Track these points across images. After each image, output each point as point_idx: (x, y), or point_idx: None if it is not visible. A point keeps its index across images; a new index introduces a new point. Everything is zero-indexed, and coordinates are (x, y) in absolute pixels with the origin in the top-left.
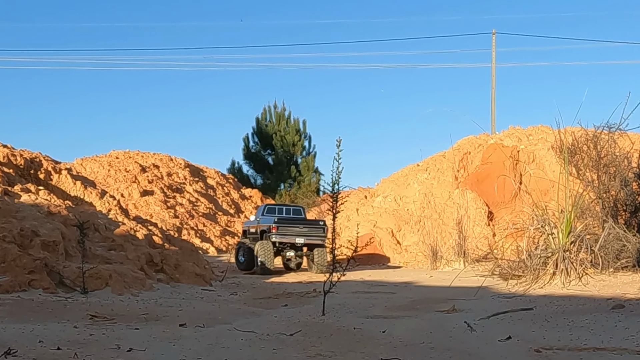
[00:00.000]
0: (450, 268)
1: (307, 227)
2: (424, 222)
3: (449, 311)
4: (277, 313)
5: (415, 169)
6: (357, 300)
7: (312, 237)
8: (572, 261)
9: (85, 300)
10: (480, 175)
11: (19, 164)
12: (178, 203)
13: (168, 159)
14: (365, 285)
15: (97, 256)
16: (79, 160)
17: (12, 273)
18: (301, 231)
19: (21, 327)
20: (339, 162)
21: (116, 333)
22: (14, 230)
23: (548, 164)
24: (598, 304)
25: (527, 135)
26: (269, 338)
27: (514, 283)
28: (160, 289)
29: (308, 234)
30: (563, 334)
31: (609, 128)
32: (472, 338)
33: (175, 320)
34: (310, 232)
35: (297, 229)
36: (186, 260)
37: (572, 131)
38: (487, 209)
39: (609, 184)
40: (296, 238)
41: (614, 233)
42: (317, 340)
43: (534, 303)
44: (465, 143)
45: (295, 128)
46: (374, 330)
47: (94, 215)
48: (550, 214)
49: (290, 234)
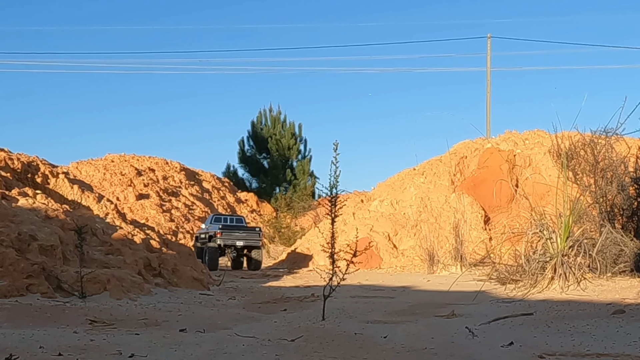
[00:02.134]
0: (447, 272)
1: (245, 232)
2: (421, 226)
3: (449, 316)
4: (276, 318)
5: (411, 173)
6: (356, 305)
7: (250, 240)
8: (571, 266)
9: (83, 305)
10: (477, 180)
11: (16, 167)
12: (174, 207)
13: (164, 163)
14: (363, 289)
15: (94, 260)
16: (74, 163)
17: (10, 278)
18: (240, 235)
19: (21, 332)
20: (336, 166)
21: (116, 338)
22: (11, 235)
23: (544, 168)
24: (598, 309)
25: (523, 139)
26: (270, 344)
27: (512, 288)
28: (158, 294)
29: (246, 237)
30: (565, 340)
31: (606, 133)
32: (474, 344)
33: (175, 325)
34: (248, 237)
35: (238, 234)
36: (184, 265)
37: (568, 136)
38: (483, 213)
39: (606, 188)
40: (237, 241)
41: (612, 237)
42: (319, 346)
43: (533, 308)
44: (462, 147)
45: (291, 132)
46: (375, 335)
47: (91, 219)
48: (548, 218)
49: (232, 238)
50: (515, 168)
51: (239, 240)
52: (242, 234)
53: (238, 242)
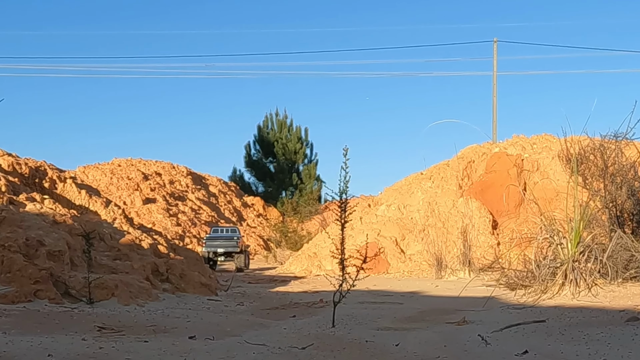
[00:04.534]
0: (456, 277)
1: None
2: (428, 231)
3: (460, 323)
4: (286, 324)
5: (419, 178)
6: (365, 311)
7: (228, 247)
8: (582, 272)
9: (91, 311)
10: (485, 184)
11: (24, 172)
12: (180, 211)
13: (170, 167)
14: (371, 295)
15: (102, 266)
16: (81, 168)
17: (18, 283)
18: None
19: (29, 339)
20: (346, 171)
21: (125, 346)
22: (19, 240)
23: (552, 172)
24: (611, 316)
25: (531, 144)
26: (280, 351)
27: (522, 293)
28: (166, 299)
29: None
30: (580, 348)
31: (615, 137)
32: (488, 352)
33: (184, 332)
34: (226, 244)
35: (217, 242)
36: (191, 270)
37: (577, 140)
38: (491, 218)
39: (616, 193)
40: (218, 248)
41: (622, 243)
42: (331, 354)
43: (545, 315)
44: (469, 152)
45: (297, 136)
46: (387, 343)
47: (99, 225)
48: (557, 223)
49: (212, 246)
50: (523, 172)
51: (220, 248)
52: (221, 242)
53: (219, 249)
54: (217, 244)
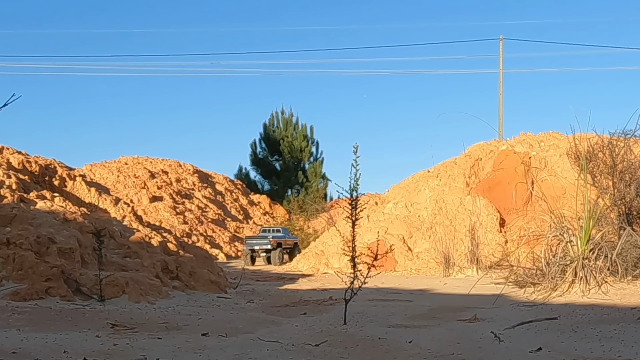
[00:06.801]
0: (463, 275)
1: (259, 239)
2: (436, 229)
3: (471, 320)
4: (297, 322)
5: (426, 175)
6: (375, 309)
7: (262, 244)
8: (592, 269)
9: (103, 309)
10: (492, 182)
11: (34, 170)
12: (187, 209)
13: (177, 165)
14: (381, 292)
15: (112, 263)
16: (88, 166)
17: (29, 281)
18: (257, 242)
19: (43, 336)
20: (356, 169)
21: (139, 343)
22: (30, 238)
23: (560, 170)
24: (623, 313)
25: (538, 141)
26: (294, 348)
27: (531, 291)
28: (176, 297)
29: (259, 243)
30: (594, 345)
31: (624, 135)
32: (502, 349)
33: (197, 329)
34: (260, 242)
35: (254, 241)
36: (201, 267)
37: (586, 137)
38: (499, 216)
39: (625, 191)
40: (255, 246)
41: (632, 240)
42: (344, 351)
43: (556, 312)
44: (476, 149)
45: (303, 134)
46: (400, 340)
47: (109, 222)
48: (567, 221)
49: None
50: (530, 170)
51: (256, 245)
52: (258, 240)
53: (255, 246)
54: (253, 242)
